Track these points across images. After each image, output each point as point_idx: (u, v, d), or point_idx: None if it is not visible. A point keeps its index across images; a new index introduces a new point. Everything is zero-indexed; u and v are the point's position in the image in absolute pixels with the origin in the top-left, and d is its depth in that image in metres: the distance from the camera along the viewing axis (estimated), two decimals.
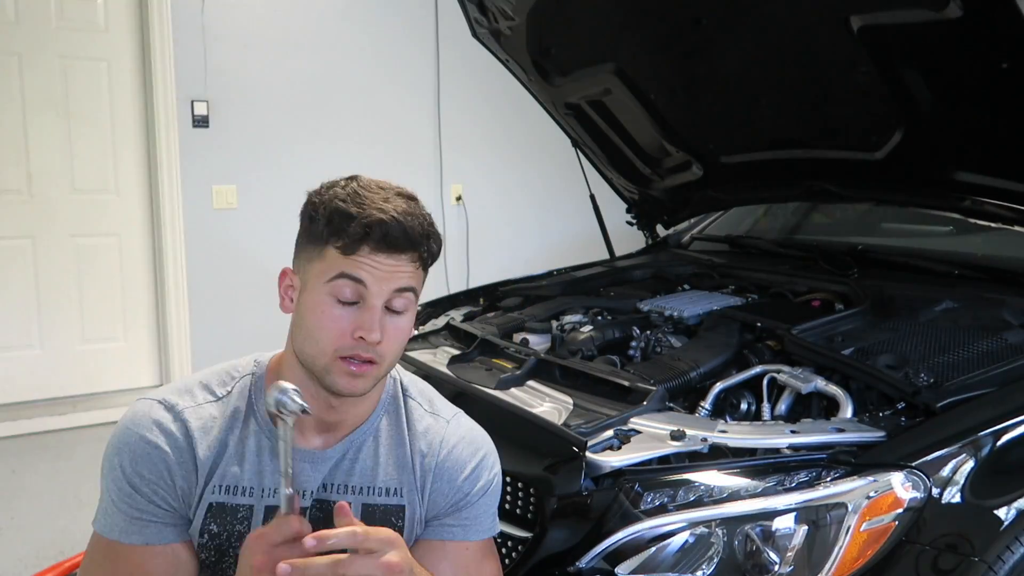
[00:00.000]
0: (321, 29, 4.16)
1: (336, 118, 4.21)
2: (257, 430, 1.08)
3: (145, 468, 1.02)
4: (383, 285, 1.01)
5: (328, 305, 1.01)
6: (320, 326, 1.01)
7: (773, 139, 2.24)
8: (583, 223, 3.24)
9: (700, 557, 1.23)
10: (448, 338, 2.10)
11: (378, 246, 1.00)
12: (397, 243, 1.00)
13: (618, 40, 2.20)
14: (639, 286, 2.37)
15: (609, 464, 1.32)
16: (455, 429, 1.16)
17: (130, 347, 3.95)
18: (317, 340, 1.01)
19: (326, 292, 1.01)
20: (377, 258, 1.00)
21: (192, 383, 1.10)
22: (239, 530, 1.05)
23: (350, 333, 1.00)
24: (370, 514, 1.09)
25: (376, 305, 1.01)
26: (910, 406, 1.42)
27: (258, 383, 1.10)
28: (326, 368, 1.02)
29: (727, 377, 1.63)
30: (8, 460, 3.27)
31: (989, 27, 1.51)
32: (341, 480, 1.09)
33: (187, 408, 1.06)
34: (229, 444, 1.06)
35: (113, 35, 3.76)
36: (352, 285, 1.00)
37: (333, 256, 1.00)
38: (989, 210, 1.85)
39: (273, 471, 1.06)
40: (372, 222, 0.99)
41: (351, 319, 1.01)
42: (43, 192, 3.70)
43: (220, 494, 1.05)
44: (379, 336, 1.00)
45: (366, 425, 1.12)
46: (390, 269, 1.01)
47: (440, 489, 1.12)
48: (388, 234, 0.99)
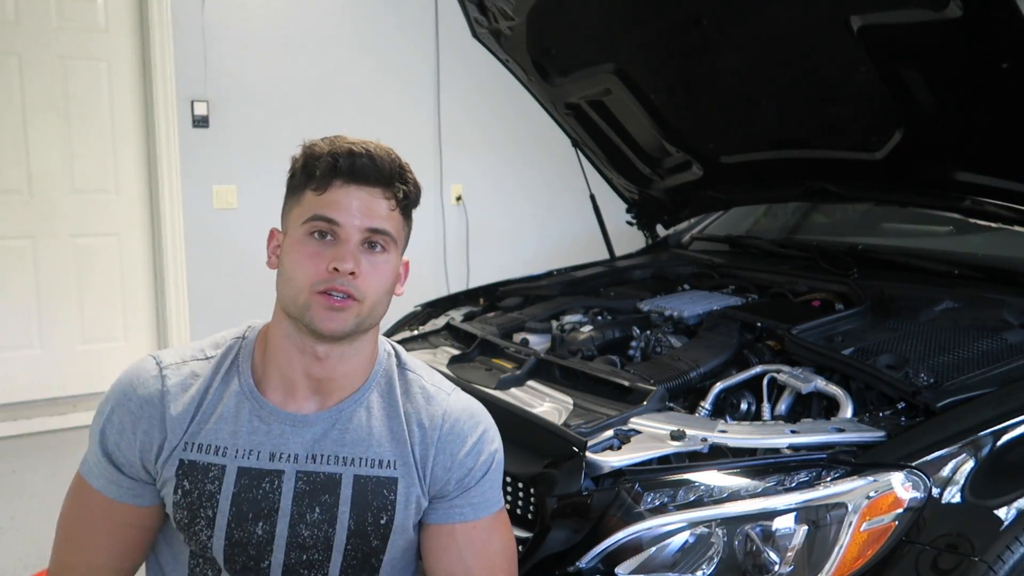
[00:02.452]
0: (321, 29, 4.16)
1: (336, 118, 4.21)
2: (238, 391, 1.08)
3: (117, 418, 1.07)
4: (356, 220, 1.03)
5: (304, 243, 1.03)
6: (297, 264, 1.03)
7: (773, 139, 2.24)
8: (583, 223, 3.24)
9: (700, 557, 1.22)
10: (448, 338, 2.10)
11: (348, 178, 1.03)
12: (366, 173, 1.03)
13: (618, 40, 2.20)
14: (639, 286, 2.37)
15: (609, 464, 1.32)
16: (455, 403, 1.16)
17: (130, 347, 3.95)
18: (295, 279, 1.03)
19: (303, 233, 1.03)
20: (348, 190, 1.03)
21: (192, 344, 1.14)
22: (209, 489, 1.05)
23: (325, 267, 1.02)
24: (362, 486, 1.08)
25: (350, 238, 1.03)
26: (910, 406, 1.42)
27: (247, 346, 1.12)
28: (306, 304, 1.02)
29: (727, 377, 1.63)
30: (8, 460, 3.27)
31: (989, 27, 1.51)
32: (331, 450, 1.08)
33: (171, 365, 1.09)
34: (205, 402, 1.07)
35: (113, 35, 3.77)
36: (325, 224, 1.02)
37: (309, 199, 1.04)
38: (989, 210, 1.85)
39: (249, 432, 1.07)
40: (340, 153, 1.03)
41: (327, 254, 1.02)
42: (43, 192, 3.70)
43: (193, 452, 1.06)
44: (351, 266, 1.01)
45: (357, 394, 1.11)
46: (362, 203, 1.03)
47: (442, 463, 1.12)
48: (355, 164, 1.02)
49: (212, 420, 1.07)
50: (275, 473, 1.06)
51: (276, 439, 1.07)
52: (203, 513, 1.05)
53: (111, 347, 3.91)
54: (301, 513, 1.07)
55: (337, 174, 1.03)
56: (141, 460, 1.07)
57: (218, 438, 1.06)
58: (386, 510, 1.09)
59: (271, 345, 1.10)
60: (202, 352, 1.12)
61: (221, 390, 1.08)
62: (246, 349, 1.12)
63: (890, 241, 2.48)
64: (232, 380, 1.09)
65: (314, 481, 1.07)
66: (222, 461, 1.06)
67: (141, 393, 1.07)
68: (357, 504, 1.08)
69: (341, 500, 1.07)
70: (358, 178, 1.03)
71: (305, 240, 1.03)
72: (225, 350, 1.12)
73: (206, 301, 3.97)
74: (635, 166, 2.61)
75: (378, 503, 1.09)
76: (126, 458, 1.07)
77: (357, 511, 1.08)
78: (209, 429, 1.06)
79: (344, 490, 1.07)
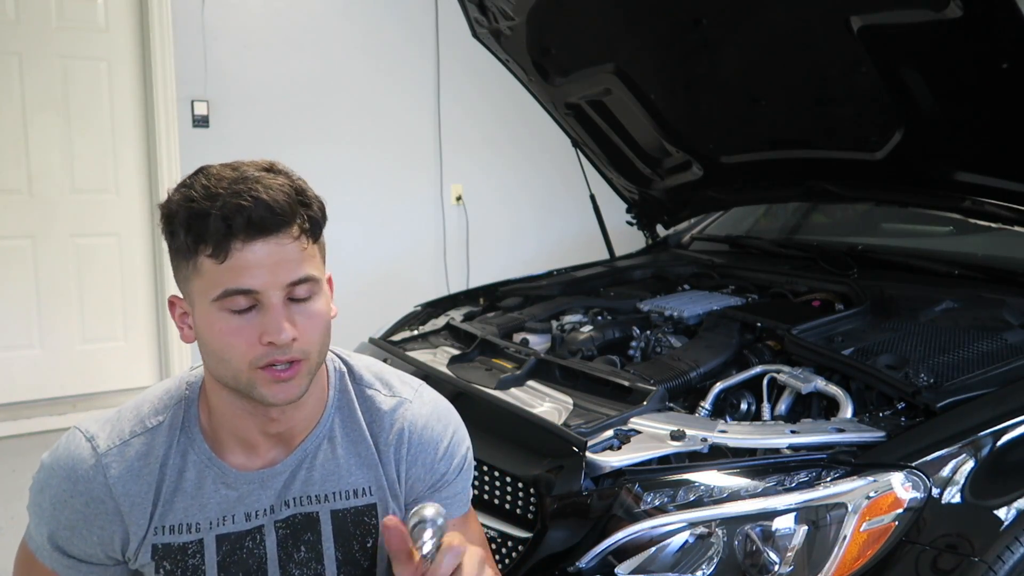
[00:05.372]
0: (321, 29, 4.16)
1: (336, 118, 4.21)
2: (196, 462, 0.99)
3: (64, 516, 0.97)
4: (272, 279, 0.89)
5: (223, 321, 0.90)
6: (225, 345, 0.91)
7: (773, 139, 2.24)
8: (583, 223, 3.24)
9: (700, 557, 1.22)
10: (448, 338, 2.10)
11: (248, 235, 0.88)
12: (266, 224, 0.88)
13: (618, 40, 2.20)
14: (639, 286, 2.37)
15: (609, 464, 1.32)
16: (419, 409, 1.09)
17: (130, 347, 3.95)
18: (228, 360, 0.91)
19: (216, 309, 0.90)
20: (253, 247, 0.88)
21: (127, 412, 1.02)
22: (192, 564, 1.00)
23: (257, 340, 0.90)
24: (341, 519, 1.04)
25: (275, 303, 0.90)
26: (910, 406, 1.42)
27: (190, 408, 1.01)
28: (249, 383, 0.92)
29: (727, 377, 1.63)
30: (8, 460, 3.27)
31: (989, 27, 1.51)
32: (300, 492, 1.02)
33: (112, 449, 0.97)
34: (164, 482, 0.98)
35: (113, 35, 3.76)
36: (243, 296, 0.89)
37: (209, 268, 0.89)
38: (989, 210, 1.85)
39: (217, 502, 0.99)
40: (230, 211, 0.87)
41: (253, 326, 0.90)
42: (43, 192, 3.70)
43: (164, 535, 0.98)
44: (289, 334, 0.90)
45: (317, 429, 1.04)
46: (273, 259, 0.89)
47: (417, 475, 1.08)
48: (252, 219, 0.87)
49: (176, 498, 0.98)
50: (254, 530, 1.02)
51: (247, 499, 1.01)
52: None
53: (111, 347, 3.91)
54: (289, 555, 1.04)
55: (233, 237, 0.87)
56: (103, 552, 0.99)
57: (188, 515, 0.99)
58: (370, 534, 1.06)
59: (217, 411, 1.00)
60: (141, 424, 1.00)
61: (178, 464, 0.99)
62: (190, 414, 1.01)
63: (890, 241, 2.48)
64: (187, 452, 0.99)
65: (293, 524, 1.03)
66: (197, 536, 0.99)
67: (83, 490, 0.96)
68: (340, 536, 1.05)
69: (323, 537, 1.04)
70: (259, 232, 0.88)
71: (224, 317, 0.90)
72: (170, 417, 1.00)
73: None
74: (635, 166, 2.61)
75: (361, 531, 1.06)
76: (83, 552, 0.99)
77: (342, 543, 1.05)
78: (176, 509, 0.98)
79: (324, 527, 1.04)
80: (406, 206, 4.42)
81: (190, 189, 0.90)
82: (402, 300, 2.68)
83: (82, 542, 0.98)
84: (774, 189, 2.45)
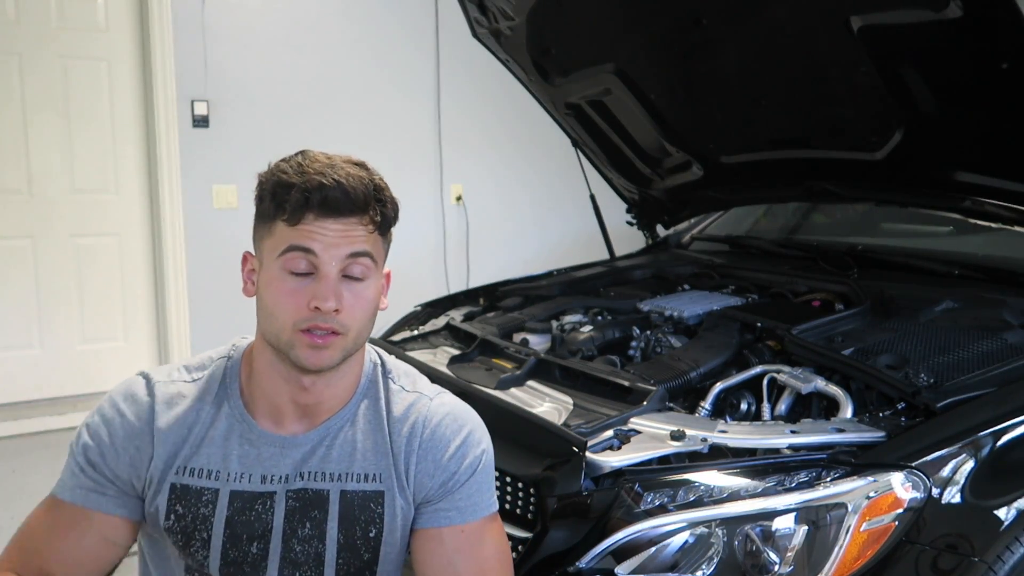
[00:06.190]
0: (321, 29, 4.16)
1: (336, 118, 4.21)
2: (228, 415, 1.07)
3: (105, 432, 1.05)
4: (333, 251, 0.99)
5: (282, 279, 1.00)
6: (277, 301, 1.00)
7: (773, 139, 2.24)
8: (583, 223, 3.24)
9: (700, 557, 1.23)
10: (448, 338, 2.10)
11: (322, 211, 0.98)
12: (340, 206, 0.99)
13: (618, 40, 2.20)
14: (639, 286, 2.37)
15: (609, 464, 1.32)
16: (438, 407, 1.13)
17: (130, 347, 3.95)
18: (276, 316, 1.01)
19: (279, 267, 1.00)
20: (323, 223, 0.99)
21: (179, 362, 1.13)
22: (203, 513, 1.05)
23: (306, 304, 0.99)
24: (348, 501, 1.08)
25: (329, 273, 0.99)
26: (910, 406, 1.42)
27: (232, 367, 1.11)
28: (289, 343, 1.00)
29: (727, 377, 1.63)
30: (8, 460, 3.27)
31: (989, 27, 1.51)
32: (317, 467, 1.08)
33: (159, 382, 1.08)
34: (195, 426, 1.06)
35: (113, 35, 3.76)
36: (302, 256, 0.99)
37: (281, 230, 1.00)
38: (989, 210, 1.85)
39: (240, 456, 1.06)
40: (311, 187, 0.98)
41: (306, 290, 0.99)
42: (43, 192, 3.70)
43: (184, 476, 1.05)
44: (334, 304, 0.99)
45: (344, 410, 1.10)
46: (338, 234, 0.99)
47: (425, 470, 1.10)
48: (328, 197, 0.98)
49: (203, 444, 1.06)
50: (267, 495, 1.06)
51: (266, 462, 1.07)
52: (198, 536, 1.05)
53: (111, 347, 3.91)
54: (293, 529, 1.07)
55: (309, 208, 0.99)
56: (130, 474, 1.06)
57: (210, 462, 1.06)
58: (374, 523, 1.08)
59: (256, 372, 1.08)
60: (188, 373, 1.10)
61: (211, 414, 1.07)
62: (232, 371, 1.10)
63: (890, 241, 2.48)
64: (222, 404, 1.08)
65: (303, 498, 1.07)
66: (215, 485, 1.05)
67: (133, 409, 1.06)
68: (345, 519, 1.07)
69: (329, 516, 1.07)
70: (331, 212, 0.99)
71: (283, 276, 1.00)
72: (212, 372, 1.10)
73: (206, 301, 3.96)
74: (635, 166, 2.61)
75: (366, 517, 1.08)
76: (112, 470, 1.06)
77: (345, 526, 1.07)
78: (201, 453, 1.06)
79: (332, 506, 1.07)
80: (406, 206, 4.35)
81: (287, 164, 1.01)
82: (402, 300, 2.68)
83: (115, 459, 1.05)
84: (774, 189, 2.45)
